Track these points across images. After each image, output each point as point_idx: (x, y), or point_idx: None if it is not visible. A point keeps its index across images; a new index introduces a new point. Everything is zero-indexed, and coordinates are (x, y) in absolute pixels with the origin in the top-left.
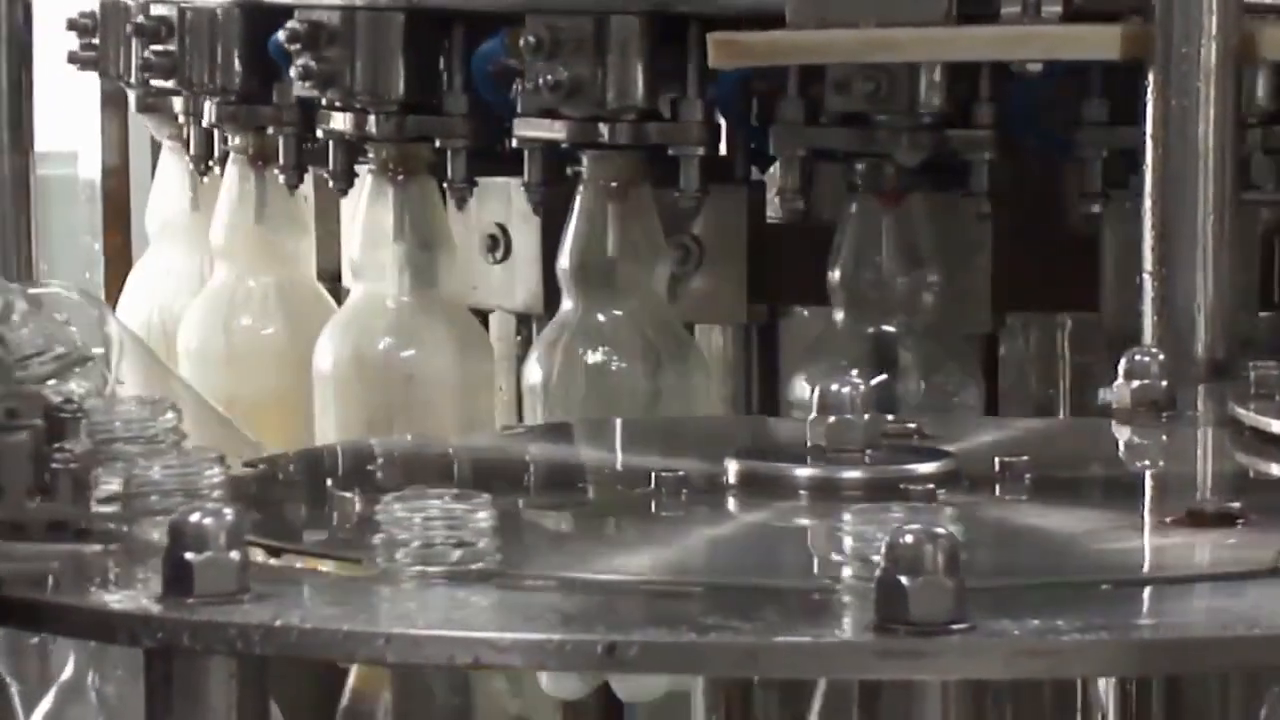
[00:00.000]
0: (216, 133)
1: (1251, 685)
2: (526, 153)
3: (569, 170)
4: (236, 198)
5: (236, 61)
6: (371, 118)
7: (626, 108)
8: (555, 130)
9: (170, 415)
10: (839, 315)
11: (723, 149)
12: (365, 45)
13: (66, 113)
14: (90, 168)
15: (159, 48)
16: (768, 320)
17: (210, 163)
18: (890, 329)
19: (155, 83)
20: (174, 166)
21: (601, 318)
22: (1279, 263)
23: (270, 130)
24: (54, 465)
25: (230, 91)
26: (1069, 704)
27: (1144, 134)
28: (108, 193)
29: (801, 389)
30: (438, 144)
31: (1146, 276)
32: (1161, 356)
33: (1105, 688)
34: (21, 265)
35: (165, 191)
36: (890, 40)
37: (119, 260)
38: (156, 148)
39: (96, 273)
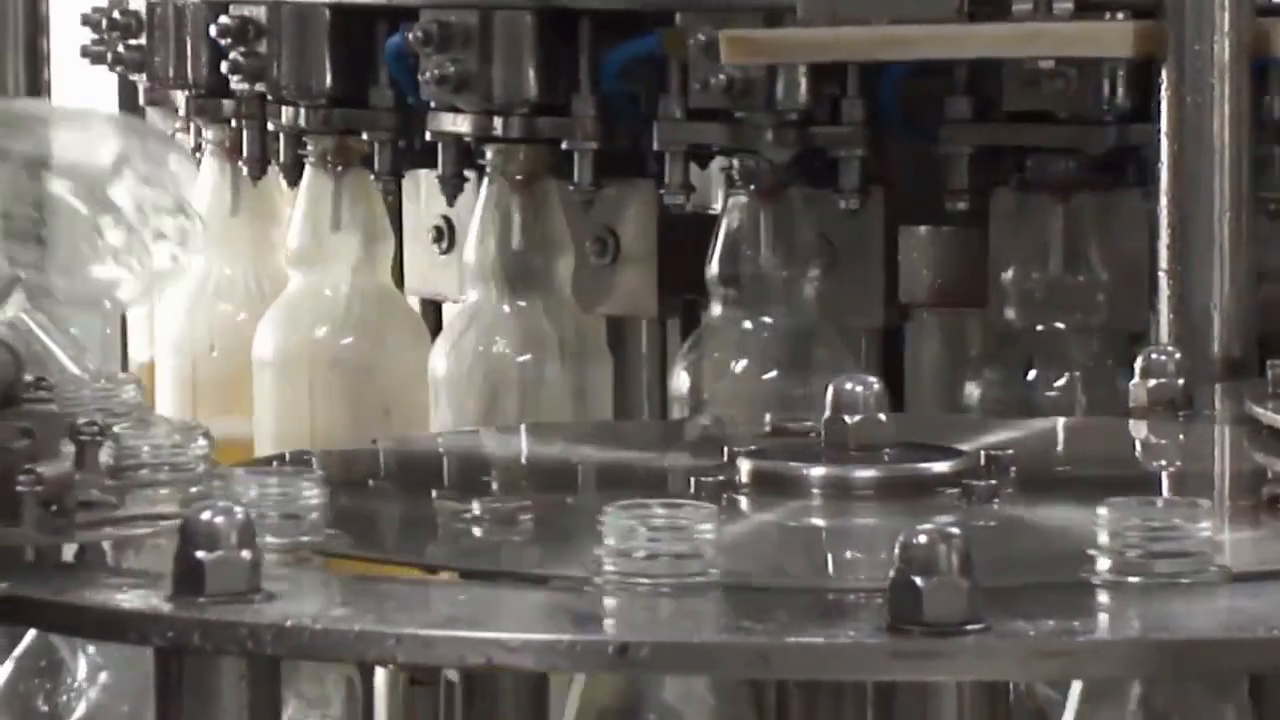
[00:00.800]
0: (283, 138)
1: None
2: (440, 145)
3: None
4: (314, 204)
5: (327, 67)
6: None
7: (519, 102)
8: (459, 125)
9: (203, 442)
10: (715, 309)
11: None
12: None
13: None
14: None
15: (246, 50)
16: (684, 313)
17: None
18: (767, 321)
19: (240, 86)
20: (214, 172)
21: (506, 309)
22: None
23: (364, 135)
24: (20, 489)
25: (320, 95)
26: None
27: (1156, 131)
28: None
29: (682, 381)
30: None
31: (1162, 275)
32: (1178, 355)
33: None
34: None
35: (202, 197)
36: (902, 37)
37: None
38: None
39: None
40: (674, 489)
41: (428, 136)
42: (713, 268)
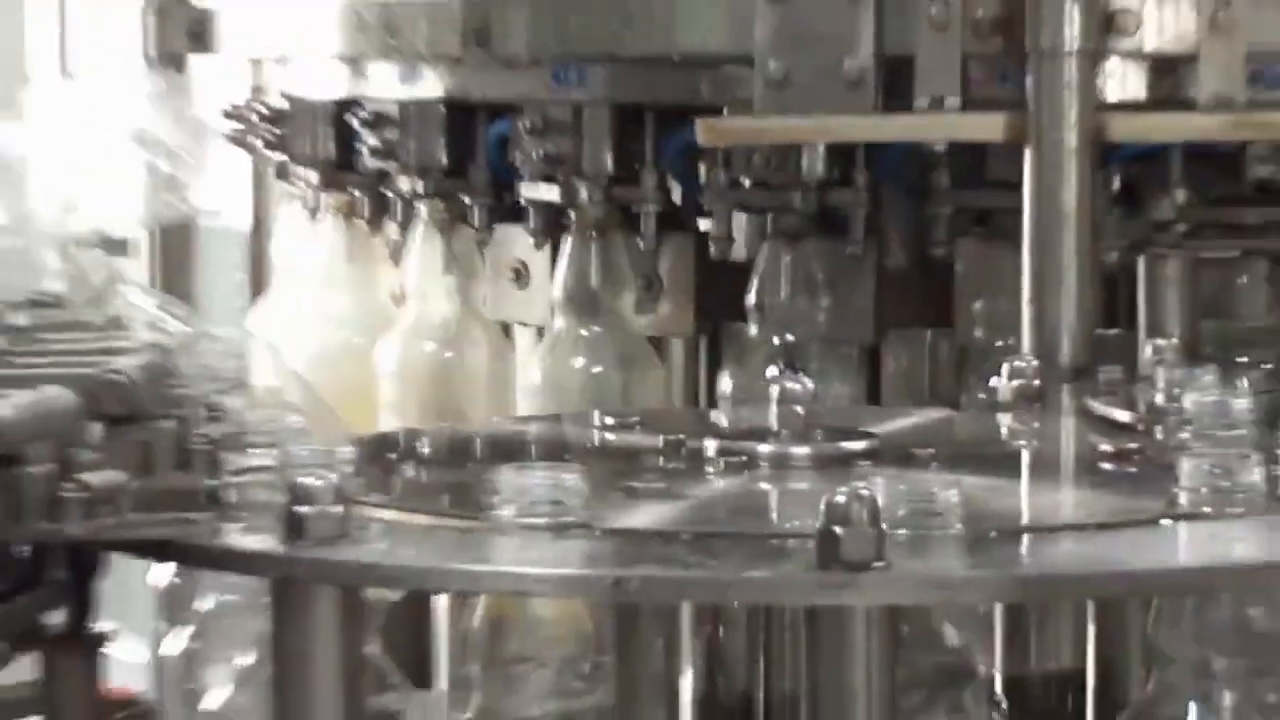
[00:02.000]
0: (400, 201)
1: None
2: (532, 208)
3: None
4: (426, 252)
5: (441, 148)
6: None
7: (600, 175)
8: (550, 193)
9: (296, 418)
10: (754, 329)
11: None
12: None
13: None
14: (239, 221)
15: (378, 135)
16: (712, 333)
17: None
18: (790, 338)
19: (372, 163)
20: (334, 228)
21: (583, 332)
22: (1121, 293)
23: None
24: (194, 446)
25: (435, 169)
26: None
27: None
28: (253, 244)
29: (726, 384)
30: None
31: (1026, 305)
32: (1035, 363)
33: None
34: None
35: (324, 246)
36: (830, 125)
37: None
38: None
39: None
40: (659, 461)
41: (521, 200)
42: (751, 297)
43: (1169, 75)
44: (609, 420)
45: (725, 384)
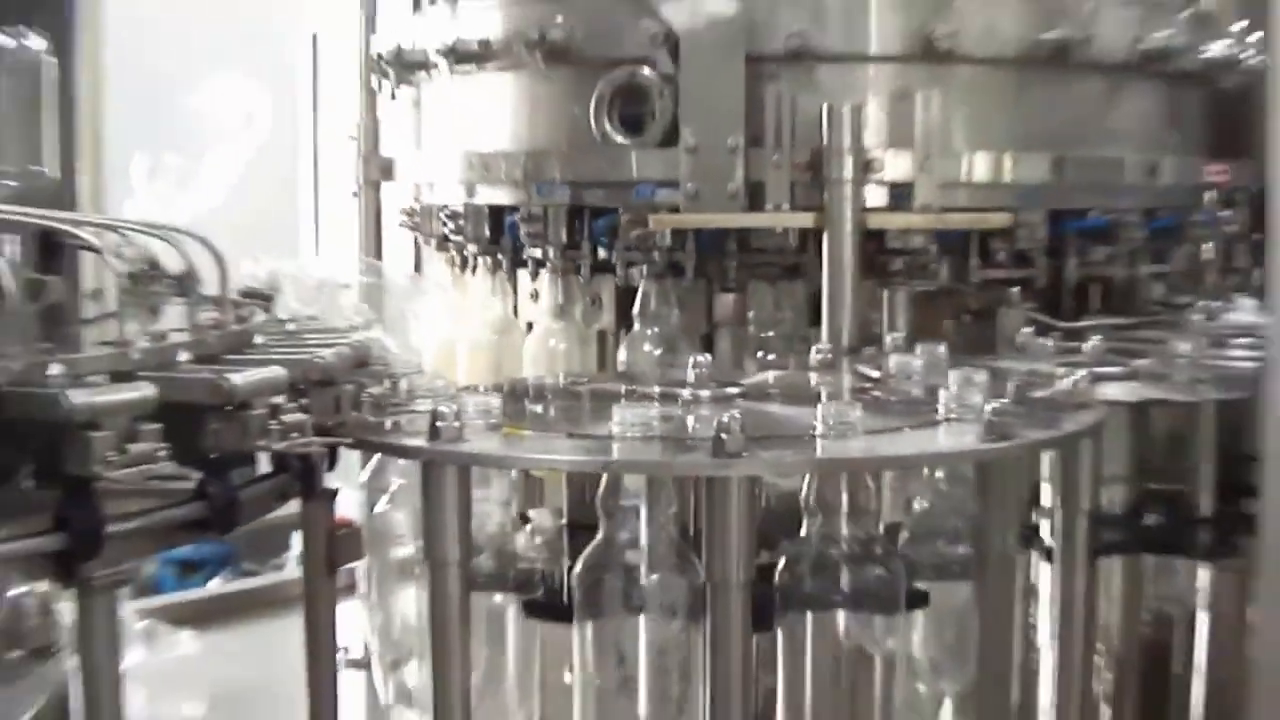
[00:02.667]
0: (531, 262)
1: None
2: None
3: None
4: (549, 292)
5: (563, 234)
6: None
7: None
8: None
9: (439, 378)
10: (637, 326)
11: None
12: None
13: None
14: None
15: (531, 225)
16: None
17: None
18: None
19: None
20: (483, 277)
21: (648, 331)
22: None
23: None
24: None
25: (559, 245)
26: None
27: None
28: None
29: (623, 355)
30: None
31: (825, 314)
32: (829, 345)
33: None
34: None
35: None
36: (721, 219)
37: None
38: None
39: None
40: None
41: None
42: (637, 309)
43: (900, 192)
44: (585, 378)
45: (622, 355)
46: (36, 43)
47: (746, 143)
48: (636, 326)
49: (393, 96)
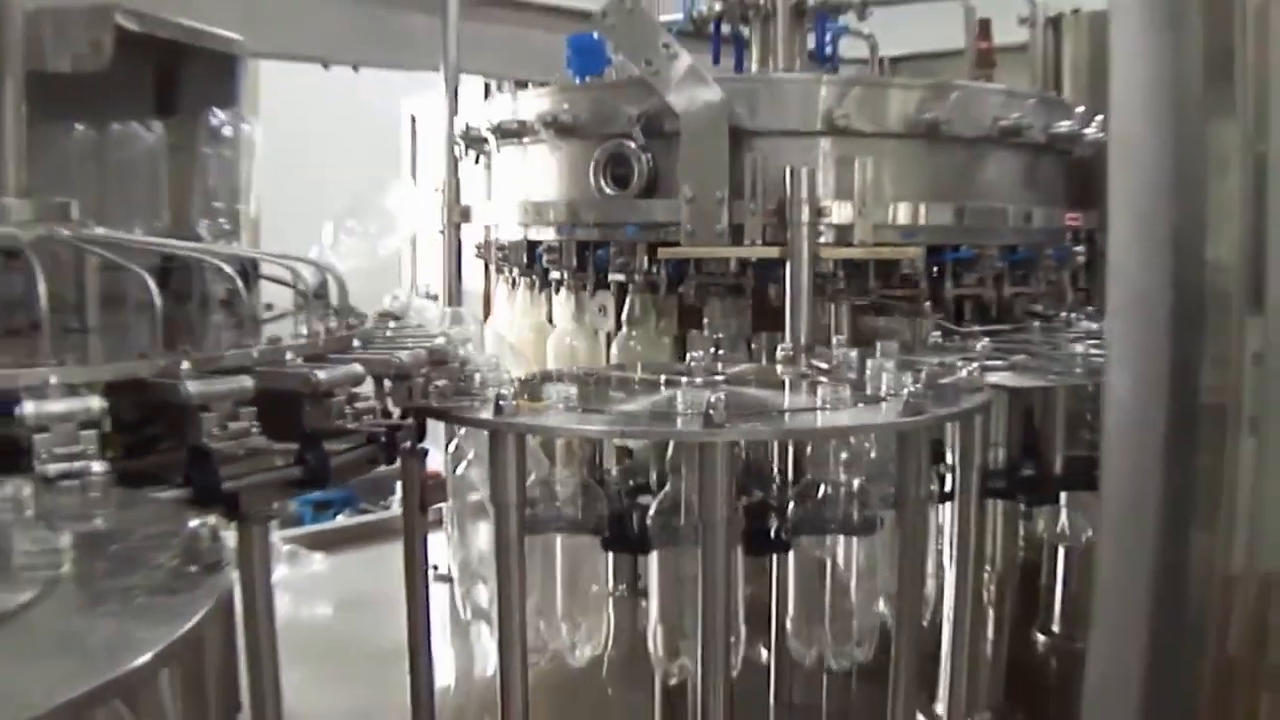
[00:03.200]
0: (554, 281)
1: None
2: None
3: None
4: (569, 305)
5: (574, 259)
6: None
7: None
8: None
9: (504, 369)
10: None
11: None
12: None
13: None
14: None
15: (552, 252)
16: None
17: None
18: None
19: (548, 265)
20: (525, 290)
21: (635, 334)
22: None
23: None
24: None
25: (574, 268)
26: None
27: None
28: (485, 296)
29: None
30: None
31: (788, 320)
32: (790, 344)
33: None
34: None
35: (513, 298)
36: (711, 251)
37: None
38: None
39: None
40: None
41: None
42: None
43: (844, 232)
44: (618, 371)
45: (614, 351)
46: (249, 120)
47: (730, 194)
48: (625, 329)
49: (477, 160)
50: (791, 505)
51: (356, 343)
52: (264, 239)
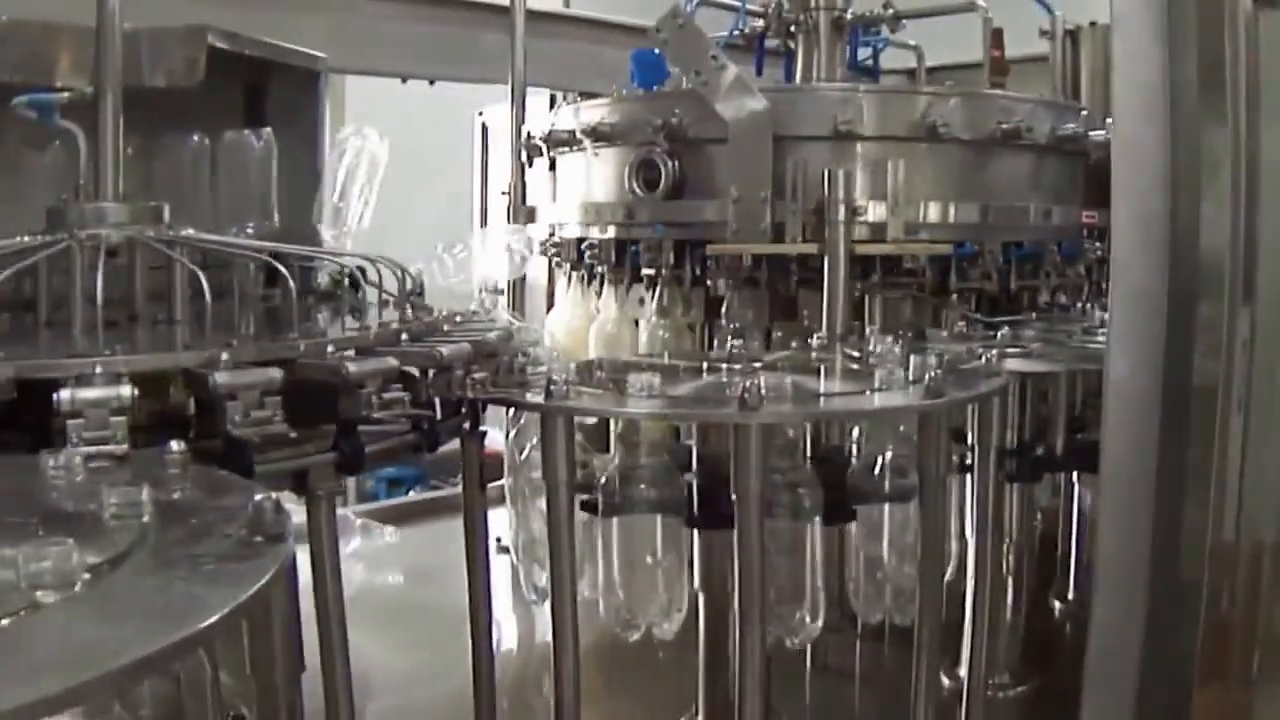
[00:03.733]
0: (598, 276)
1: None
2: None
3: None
4: (611, 298)
5: (612, 255)
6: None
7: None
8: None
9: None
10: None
11: None
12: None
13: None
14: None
15: (594, 249)
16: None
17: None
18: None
19: (591, 261)
20: (574, 285)
21: (665, 322)
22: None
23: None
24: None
25: (612, 264)
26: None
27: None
28: (549, 290)
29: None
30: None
31: (825, 312)
32: (825, 334)
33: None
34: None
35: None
36: (756, 247)
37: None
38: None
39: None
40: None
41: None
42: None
43: (878, 229)
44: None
45: (643, 338)
46: (267, 136)
47: (772, 195)
48: (654, 319)
49: (551, 165)
50: (858, 475)
51: (405, 336)
52: (358, 242)
